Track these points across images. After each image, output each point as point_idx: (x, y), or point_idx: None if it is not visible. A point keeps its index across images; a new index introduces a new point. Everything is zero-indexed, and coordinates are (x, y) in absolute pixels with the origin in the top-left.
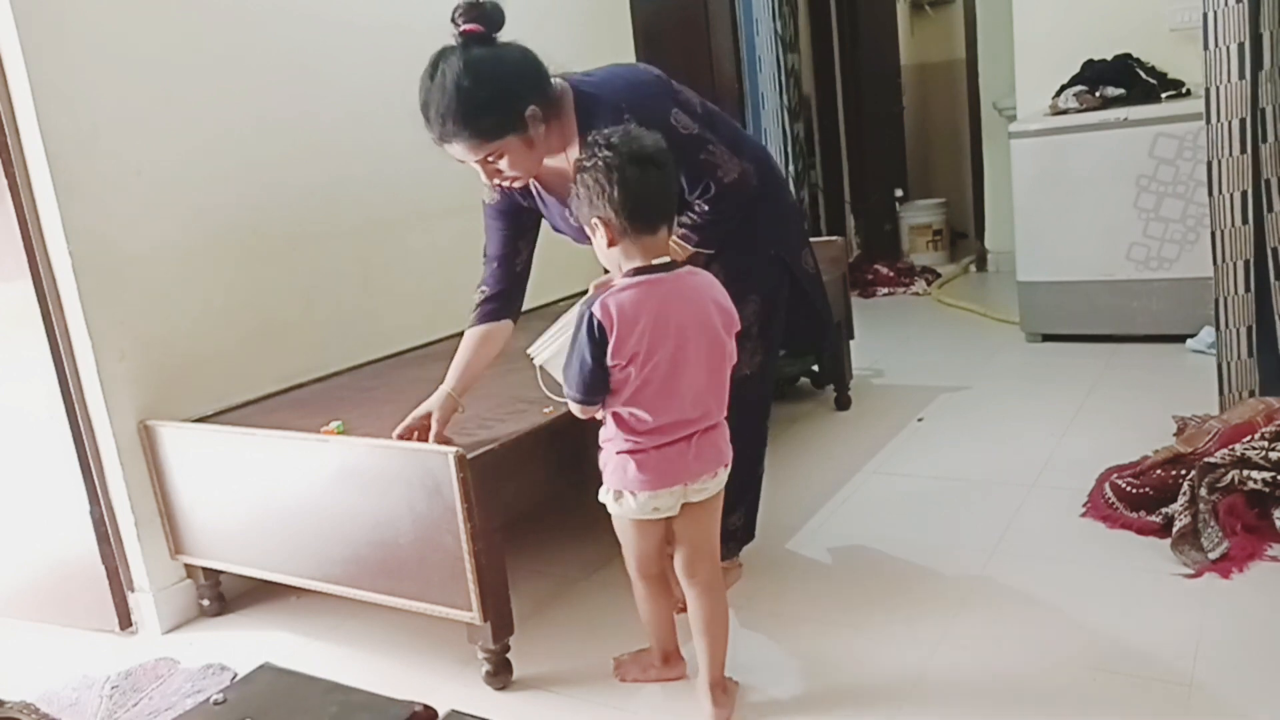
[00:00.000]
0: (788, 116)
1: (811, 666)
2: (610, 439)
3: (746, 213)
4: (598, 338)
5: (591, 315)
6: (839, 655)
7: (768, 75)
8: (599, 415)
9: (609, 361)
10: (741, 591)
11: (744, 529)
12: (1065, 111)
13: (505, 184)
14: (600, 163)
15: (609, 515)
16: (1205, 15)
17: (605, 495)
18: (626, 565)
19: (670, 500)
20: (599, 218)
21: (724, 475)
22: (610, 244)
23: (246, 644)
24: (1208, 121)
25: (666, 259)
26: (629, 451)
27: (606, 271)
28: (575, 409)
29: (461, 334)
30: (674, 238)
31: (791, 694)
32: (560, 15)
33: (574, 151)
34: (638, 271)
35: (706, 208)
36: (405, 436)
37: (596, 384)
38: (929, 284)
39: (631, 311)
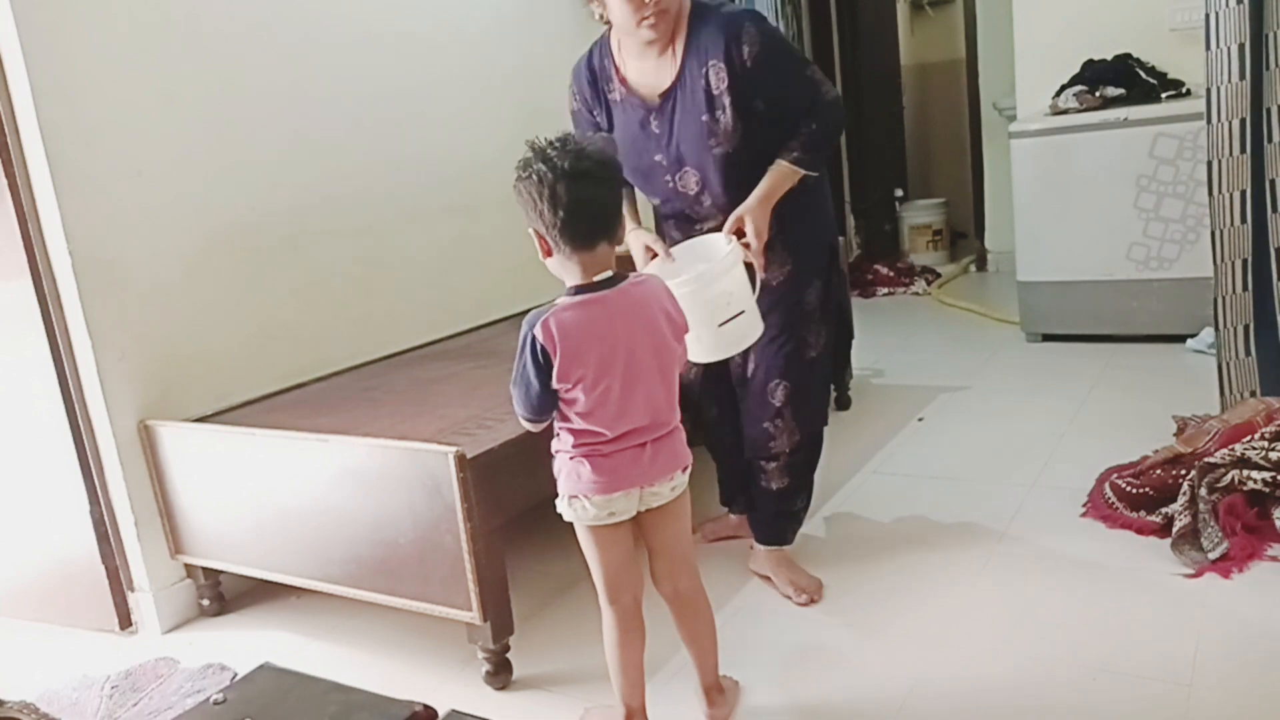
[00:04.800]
0: None
1: (812, 666)
2: (562, 448)
3: (813, 195)
4: (541, 362)
5: (534, 338)
6: (840, 655)
7: None
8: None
9: (553, 385)
10: (740, 591)
11: (804, 510)
12: (1065, 111)
13: (651, 21)
14: (534, 176)
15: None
16: (1207, 16)
17: (561, 504)
18: (597, 590)
19: (626, 504)
20: (533, 229)
21: (682, 479)
22: (546, 255)
23: (246, 644)
24: (1208, 121)
25: (609, 273)
26: (583, 455)
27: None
28: (526, 425)
29: (460, 334)
30: (786, 161)
31: (792, 694)
32: (560, 15)
33: (678, 46)
34: (579, 290)
35: (814, 125)
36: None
37: (544, 406)
38: (929, 284)
39: (575, 333)
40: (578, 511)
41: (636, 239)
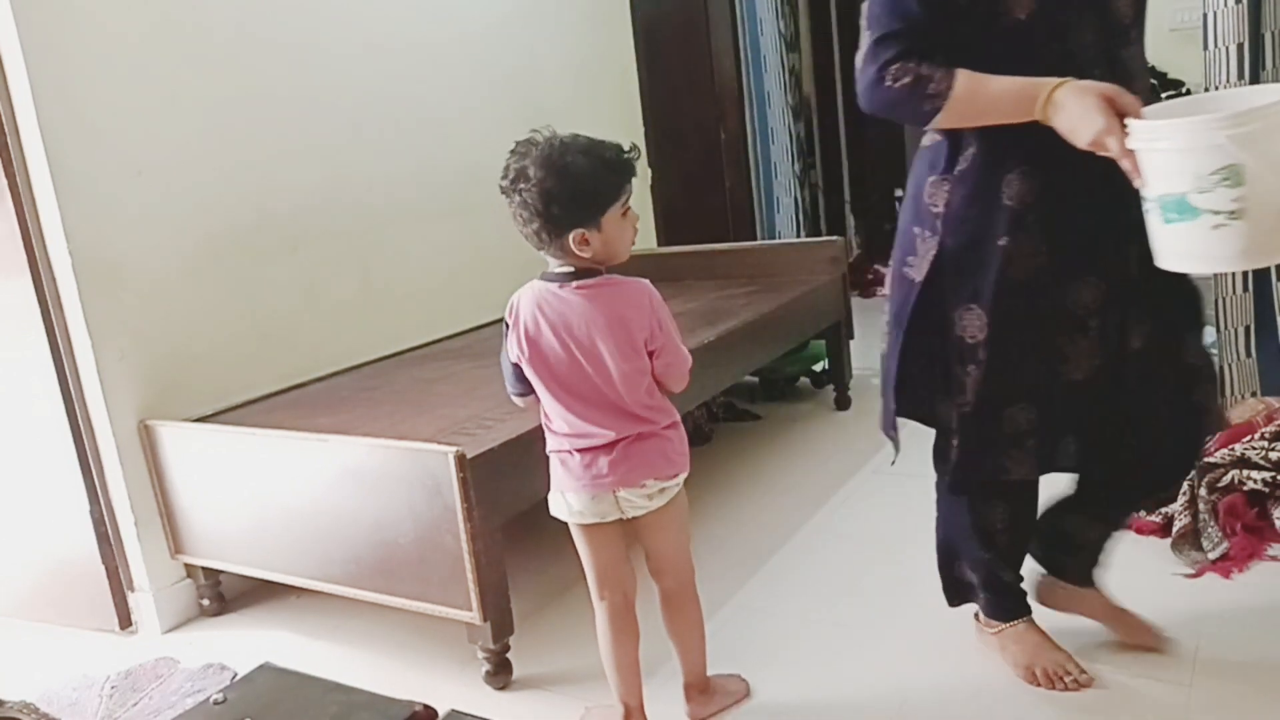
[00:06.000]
0: (790, 115)
1: (812, 666)
2: (547, 445)
3: None
4: (507, 333)
5: (507, 310)
6: (839, 654)
7: (773, 74)
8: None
9: (513, 358)
10: (741, 589)
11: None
12: None
13: None
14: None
15: None
16: (1205, 16)
17: (550, 498)
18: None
19: (597, 507)
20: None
21: (660, 487)
22: None
23: (246, 644)
24: None
25: (569, 268)
26: (555, 452)
27: None
28: (513, 400)
29: (460, 334)
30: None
31: (791, 694)
32: (561, 15)
33: None
34: (544, 275)
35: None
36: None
37: (515, 377)
38: None
39: (522, 311)
40: (557, 508)
41: (1080, 93)
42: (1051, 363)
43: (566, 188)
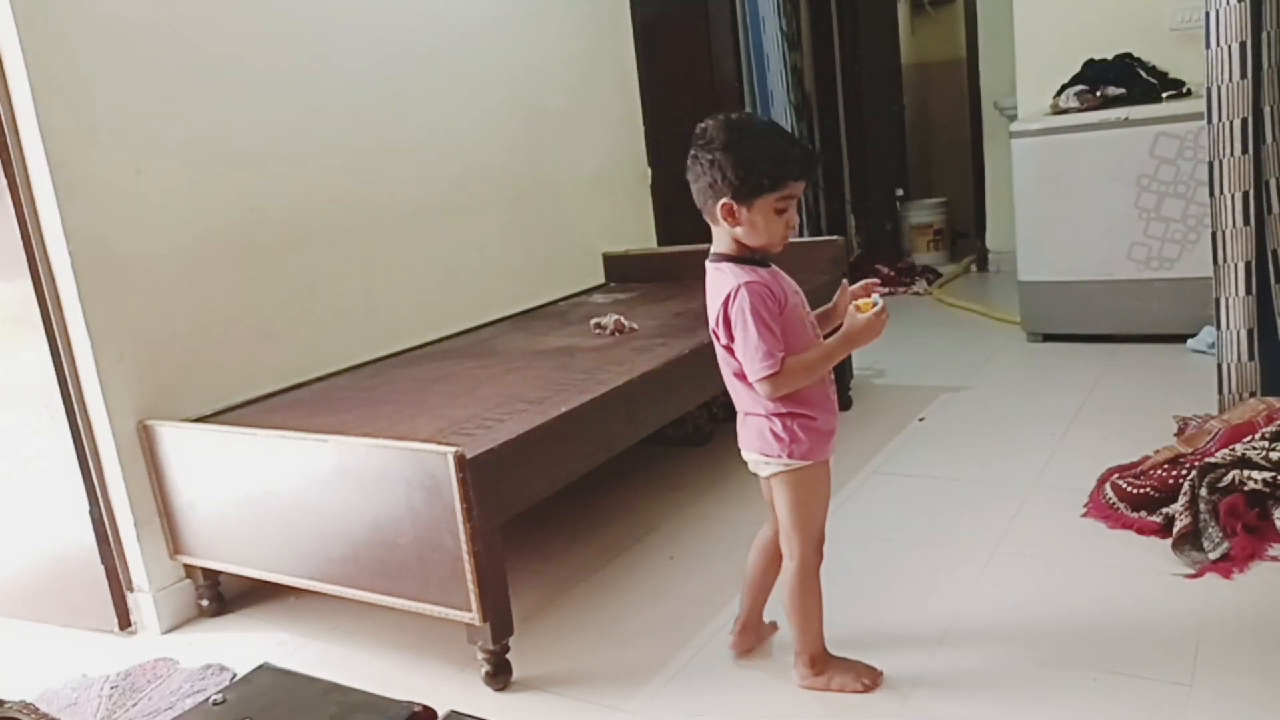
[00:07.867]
0: (793, 114)
1: None
2: None
3: None
4: None
5: None
6: (840, 654)
7: (775, 73)
8: None
9: None
10: (737, 593)
11: None
12: (1066, 111)
13: None
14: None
15: (609, 516)
16: (1207, 14)
17: None
18: None
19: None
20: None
21: (762, 461)
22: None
23: (246, 644)
24: (1209, 121)
25: (718, 248)
26: None
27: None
28: None
29: (460, 334)
30: None
31: (792, 694)
32: (561, 14)
33: None
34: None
35: None
36: None
37: None
38: (929, 284)
39: None
40: None
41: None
42: None
43: (737, 155)
